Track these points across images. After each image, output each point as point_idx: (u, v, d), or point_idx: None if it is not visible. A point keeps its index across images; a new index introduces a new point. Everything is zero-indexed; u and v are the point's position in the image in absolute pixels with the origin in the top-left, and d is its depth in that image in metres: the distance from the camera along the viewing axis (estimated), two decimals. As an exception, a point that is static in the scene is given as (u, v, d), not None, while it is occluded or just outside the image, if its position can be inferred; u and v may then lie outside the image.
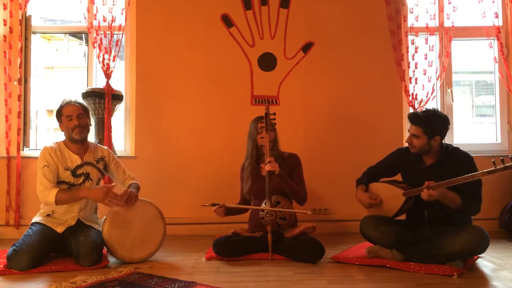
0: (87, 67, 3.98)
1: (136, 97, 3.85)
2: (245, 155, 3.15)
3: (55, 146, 2.88)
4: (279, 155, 3.04)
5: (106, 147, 3.14)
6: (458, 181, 2.54)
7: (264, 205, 2.91)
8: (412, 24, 3.83)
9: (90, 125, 3.01)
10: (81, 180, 2.89)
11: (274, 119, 2.98)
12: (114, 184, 2.92)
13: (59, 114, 2.89)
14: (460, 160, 2.74)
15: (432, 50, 3.84)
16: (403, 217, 2.93)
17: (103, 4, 3.74)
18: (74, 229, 2.83)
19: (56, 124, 2.99)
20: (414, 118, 2.78)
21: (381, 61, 3.89)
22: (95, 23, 3.72)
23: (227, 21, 3.88)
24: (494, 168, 2.44)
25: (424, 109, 2.89)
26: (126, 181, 3.05)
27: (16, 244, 2.65)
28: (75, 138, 2.86)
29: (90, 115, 3.11)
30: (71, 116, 2.84)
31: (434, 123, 2.74)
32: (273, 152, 2.98)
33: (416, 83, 3.81)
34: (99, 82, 3.89)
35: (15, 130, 3.69)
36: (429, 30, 3.83)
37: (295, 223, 3.05)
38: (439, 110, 2.89)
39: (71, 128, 2.85)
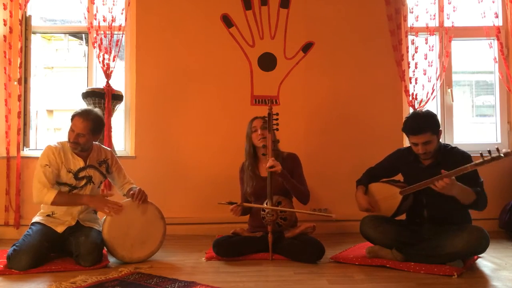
0: (87, 67, 3.98)
1: (136, 97, 3.85)
2: (245, 156, 3.15)
3: (59, 146, 2.86)
4: (278, 154, 3.03)
5: (109, 149, 3.13)
6: (449, 176, 2.50)
7: (265, 204, 2.90)
8: (412, 24, 3.83)
9: (97, 140, 2.97)
10: (83, 183, 2.89)
11: (277, 119, 2.98)
12: (113, 193, 2.93)
13: (71, 119, 2.86)
14: (459, 159, 2.71)
15: (432, 50, 3.84)
16: (403, 217, 2.93)
17: (103, 4, 3.74)
18: (74, 229, 2.83)
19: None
20: (417, 127, 2.69)
21: (381, 61, 3.89)
22: (95, 23, 3.73)
23: (227, 21, 3.88)
24: (481, 160, 2.43)
25: (411, 116, 2.82)
26: (125, 185, 3.04)
27: (16, 244, 2.65)
28: (70, 147, 2.87)
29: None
30: (74, 131, 2.83)
31: (432, 119, 2.74)
32: (273, 152, 2.98)
33: (416, 83, 3.81)
34: (99, 82, 3.89)
35: (15, 130, 3.69)
36: (429, 30, 3.83)
37: (295, 223, 3.04)
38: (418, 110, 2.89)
39: (68, 140, 2.86)
